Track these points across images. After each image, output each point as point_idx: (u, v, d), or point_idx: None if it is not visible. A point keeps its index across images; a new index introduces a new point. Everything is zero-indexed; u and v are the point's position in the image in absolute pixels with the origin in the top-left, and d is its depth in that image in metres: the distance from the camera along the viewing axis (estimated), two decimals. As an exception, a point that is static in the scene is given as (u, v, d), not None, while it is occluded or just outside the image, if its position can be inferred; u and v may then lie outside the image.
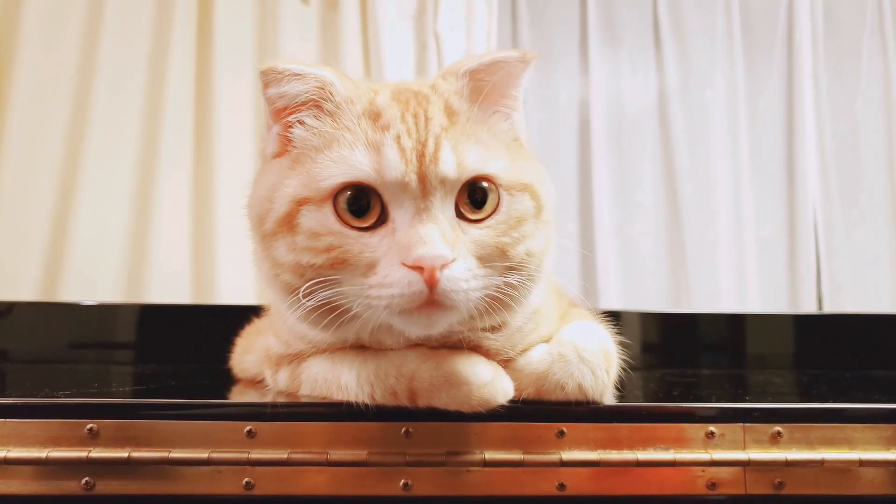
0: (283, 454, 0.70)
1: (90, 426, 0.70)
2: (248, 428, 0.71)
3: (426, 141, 0.65)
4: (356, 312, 0.65)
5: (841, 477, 0.73)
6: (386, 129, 0.66)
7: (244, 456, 0.69)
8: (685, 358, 1.42)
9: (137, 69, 1.71)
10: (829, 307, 1.97)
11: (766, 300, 1.98)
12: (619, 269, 1.99)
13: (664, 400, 0.91)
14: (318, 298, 0.64)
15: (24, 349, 1.37)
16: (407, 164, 0.64)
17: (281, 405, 0.73)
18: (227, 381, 0.96)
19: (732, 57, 2.06)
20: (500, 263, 0.66)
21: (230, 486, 0.70)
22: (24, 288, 1.57)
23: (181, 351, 1.32)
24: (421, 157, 0.64)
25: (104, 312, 1.42)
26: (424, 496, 0.70)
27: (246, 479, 0.70)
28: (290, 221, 0.66)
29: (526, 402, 0.72)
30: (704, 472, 0.72)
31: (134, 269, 1.65)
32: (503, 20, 2.02)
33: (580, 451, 0.71)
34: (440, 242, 0.62)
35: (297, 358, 0.78)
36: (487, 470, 0.70)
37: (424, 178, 0.64)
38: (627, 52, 2.09)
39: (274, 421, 0.71)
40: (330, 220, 0.65)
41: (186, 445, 0.70)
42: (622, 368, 0.79)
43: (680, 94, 2.06)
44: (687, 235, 1.98)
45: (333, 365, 0.73)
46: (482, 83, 0.69)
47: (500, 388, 0.69)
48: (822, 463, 0.72)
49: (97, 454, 0.69)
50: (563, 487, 0.71)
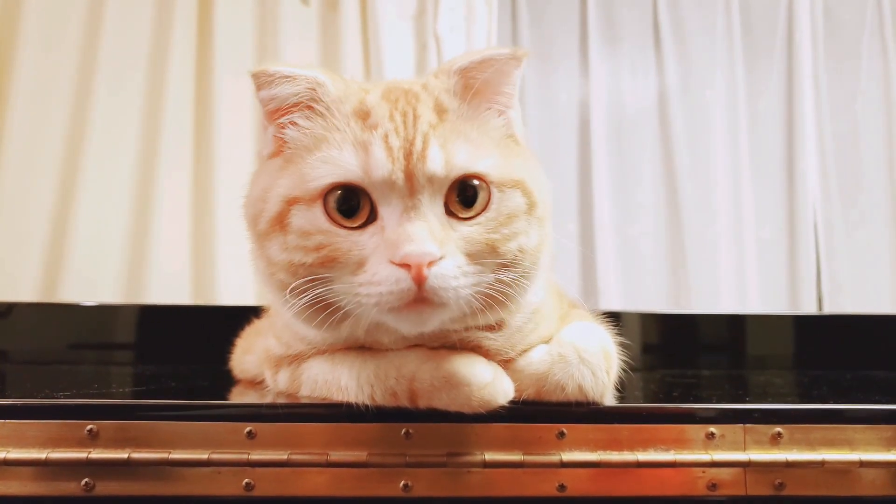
0: (283, 455, 0.70)
1: (90, 427, 0.70)
2: (248, 429, 0.71)
3: (414, 139, 0.65)
4: (349, 310, 0.65)
5: (841, 478, 0.73)
6: (374, 128, 0.66)
7: (244, 457, 0.69)
8: (685, 359, 1.41)
9: (137, 69, 1.71)
10: (829, 308, 1.96)
11: (766, 300, 1.98)
12: (618, 269, 1.98)
13: (664, 401, 0.91)
14: (310, 296, 0.65)
15: (23, 350, 1.37)
16: (394, 162, 0.64)
17: (281, 406, 0.73)
18: (227, 381, 0.96)
19: (732, 57, 2.06)
20: (491, 260, 0.66)
21: (230, 487, 0.70)
22: (23, 288, 1.57)
23: (181, 352, 1.32)
24: (408, 155, 0.64)
25: (104, 313, 1.42)
26: (425, 497, 0.70)
27: (246, 480, 0.70)
28: (281, 221, 0.67)
29: (526, 402, 0.71)
30: (705, 473, 0.72)
31: (134, 269, 1.65)
32: (503, 20, 2.02)
33: (580, 451, 0.71)
34: (428, 240, 0.62)
35: (297, 359, 0.78)
36: (488, 471, 0.70)
37: (412, 176, 0.64)
38: (627, 52, 2.09)
39: (274, 422, 0.71)
40: (320, 219, 0.65)
41: (186, 446, 0.70)
42: (622, 369, 0.79)
43: (680, 94, 2.05)
44: (687, 235, 1.98)
45: (333, 366, 0.73)
46: (473, 80, 0.69)
47: (500, 388, 0.69)
48: (822, 464, 0.72)
49: (97, 455, 0.69)
50: (563, 488, 0.71)
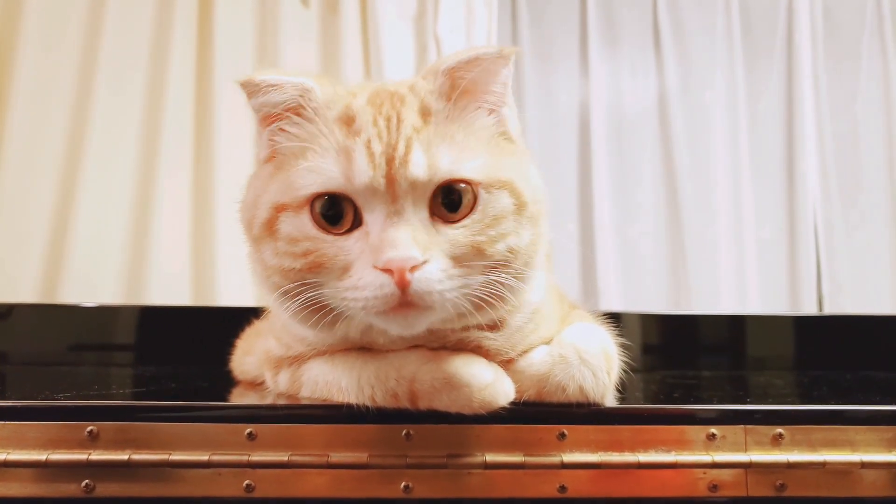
0: (283, 456, 0.69)
1: (90, 428, 0.70)
2: (248, 430, 0.71)
3: (396, 144, 0.65)
4: (340, 311, 0.66)
5: (843, 479, 0.73)
6: (357, 134, 0.66)
7: (244, 458, 0.69)
8: (686, 359, 1.42)
9: (137, 69, 1.71)
10: (829, 308, 1.96)
11: (766, 301, 1.98)
12: (619, 269, 1.98)
13: (665, 402, 0.91)
14: (303, 299, 0.66)
15: (23, 351, 1.37)
16: (375, 168, 0.64)
17: (281, 407, 0.73)
18: (227, 383, 0.96)
19: (732, 57, 2.06)
20: (478, 262, 0.66)
21: (230, 488, 0.69)
22: (23, 289, 1.57)
23: (181, 353, 1.32)
24: (391, 160, 0.64)
25: (104, 314, 1.42)
26: (425, 498, 0.70)
27: (246, 481, 0.69)
28: (271, 227, 0.67)
29: (527, 403, 0.71)
30: (706, 474, 0.72)
31: (134, 270, 1.65)
32: (503, 21, 2.02)
33: (581, 453, 0.71)
34: (410, 245, 0.62)
35: (297, 360, 0.78)
36: (488, 472, 0.70)
37: (394, 181, 0.64)
38: (627, 52, 2.09)
39: (274, 423, 0.71)
40: (307, 225, 0.66)
41: (187, 448, 0.70)
42: (623, 370, 0.79)
43: (680, 94, 2.05)
44: (687, 236, 1.98)
45: (334, 367, 0.73)
46: (461, 80, 0.69)
47: (501, 389, 0.68)
48: (823, 465, 0.72)
49: (97, 456, 0.69)
50: (564, 490, 0.71)
